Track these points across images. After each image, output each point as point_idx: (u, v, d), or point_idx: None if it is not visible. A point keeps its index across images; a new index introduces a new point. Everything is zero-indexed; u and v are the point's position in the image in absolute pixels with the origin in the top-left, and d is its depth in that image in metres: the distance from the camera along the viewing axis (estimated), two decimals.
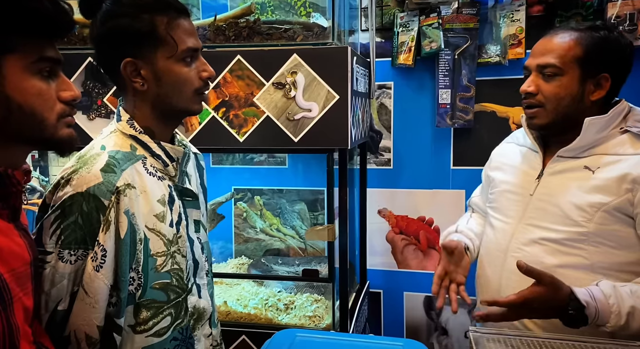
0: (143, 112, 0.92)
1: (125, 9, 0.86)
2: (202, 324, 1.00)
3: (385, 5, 1.99)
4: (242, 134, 1.48)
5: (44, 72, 0.70)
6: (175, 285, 0.92)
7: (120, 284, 0.84)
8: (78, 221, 0.81)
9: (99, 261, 0.82)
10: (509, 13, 1.82)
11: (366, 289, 1.99)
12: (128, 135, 0.92)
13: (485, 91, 1.91)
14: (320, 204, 2.06)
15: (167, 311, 0.91)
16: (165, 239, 0.91)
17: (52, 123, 0.71)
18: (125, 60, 0.87)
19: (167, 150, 0.94)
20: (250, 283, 1.85)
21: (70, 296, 0.82)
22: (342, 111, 1.41)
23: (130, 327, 0.88)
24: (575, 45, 1.06)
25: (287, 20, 1.59)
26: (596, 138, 1.08)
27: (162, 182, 0.93)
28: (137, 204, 0.86)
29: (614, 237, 1.04)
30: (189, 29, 0.90)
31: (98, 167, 0.84)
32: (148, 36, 0.86)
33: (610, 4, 1.69)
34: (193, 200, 1.00)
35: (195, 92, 0.92)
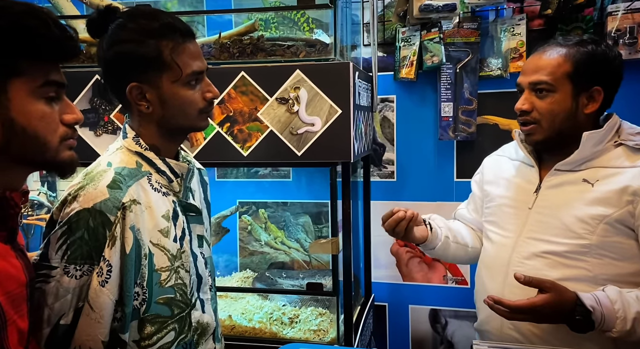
0: (149, 131, 0.94)
1: (131, 34, 0.87)
2: (206, 339, 1.01)
3: (387, 21, 2.02)
4: (246, 148, 1.49)
5: (48, 96, 0.71)
6: (179, 300, 0.93)
7: (125, 299, 0.85)
8: (84, 237, 0.82)
9: (105, 276, 0.83)
10: (509, 27, 1.84)
11: (371, 302, 1.99)
12: (134, 152, 0.93)
13: (487, 103, 1.92)
14: (325, 217, 2.06)
15: (171, 326, 0.92)
16: (169, 254, 0.92)
17: (54, 146, 0.73)
18: (131, 84, 0.88)
19: (171, 166, 0.95)
20: (255, 297, 1.85)
21: (74, 311, 0.83)
22: (345, 125, 1.42)
23: (135, 342, 0.89)
24: (565, 62, 1.08)
25: (290, 36, 1.62)
26: (593, 151, 1.09)
27: (167, 197, 0.94)
28: (142, 219, 0.88)
29: (616, 249, 1.05)
30: (195, 52, 0.91)
31: (104, 183, 0.85)
32: (153, 61, 0.87)
33: (610, 18, 1.70)
34: (196, 215, 1.01)
35: (199, 112, 0.94)
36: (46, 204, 1.82)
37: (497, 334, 1.19)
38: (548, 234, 1.11)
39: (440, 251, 1.35)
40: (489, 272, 1.24)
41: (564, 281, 1.07)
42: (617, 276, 1.05)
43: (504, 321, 1.16)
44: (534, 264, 1.12)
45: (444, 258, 1.44)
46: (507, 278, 1.16)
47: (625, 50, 1.68)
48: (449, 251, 1.35)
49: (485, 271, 1.26)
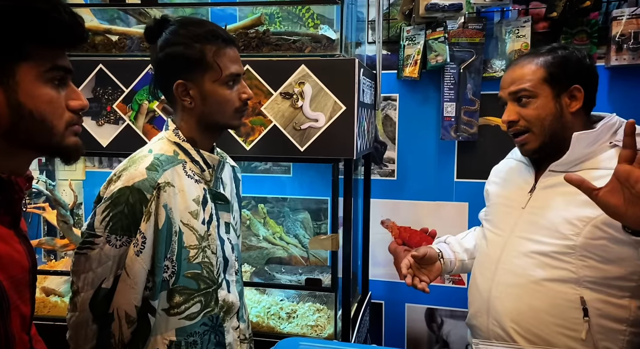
0: (189, 125, 1.06)
1: (180, 39, 1.00)
2: (231, 317, 1.11)
3: (392, 19, 2.02)
4: (249, 142, 1.49)
5: (55, 81, 0.72)
6: (206, 276, 1.04)
7: (156, 270, 0.96)
8: (124, 211, 0.93)
9: (140, 246, 0.95)
10: (514, 29, 1.84)
11: (368, 299, 1.99)
12: (173, 142, 1.05)
13: (490, 104, 1.93)
14: (324, 214, 2.07)
15: (197, 298, 1.03)
16: (198, 234, 1.03)
17: (60, 131, 0.73)
18: (177, 82, 1.01)
19: (204, 157, 1.07)
20: (253, 291, 1.85)
21: (114, 277, 0.95)
22: (349, 122, 1.42)
23: (164, 310, 1.00)
24: (539, 68, 1.12)
25: (296, 31, 1.62)
26: (586, 152, 1.10)
27: (198, 184, 1.06)
28: (174, 200, 0.99)
29: (601, 251, 1.05)
30: (234, 57, 1.03)
31: (144, 166, 0.97)
32: (198, 62, 1.00)
33: (615, 22, 1.71)
34: (225, 204, 1.12)
35: (235, 111, 1.05)
36: (45, 193, 1.82)
37: (484, 330, 1.21)
38: (537, 234, 1.13)
39: (459, 271, 1.41)
40: (480, 268, 1.27)
41: (549, 281, 1.09)
42: (601, 279, 1.06)
43: (489, 318, 1.19)
44: (521, 263, 1.13)
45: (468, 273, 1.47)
46: (495, 275, 1.18)
47: (629, 55, 1.69)
48: (469, 268, 1.38)
49: (477, 267, 1.28)
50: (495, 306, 1.17)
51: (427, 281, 1.29)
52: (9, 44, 0.67)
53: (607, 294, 1.06)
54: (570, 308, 1.07)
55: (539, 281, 1.10)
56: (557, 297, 1.08)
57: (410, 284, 1.27)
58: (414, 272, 1.30)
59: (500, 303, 1.16)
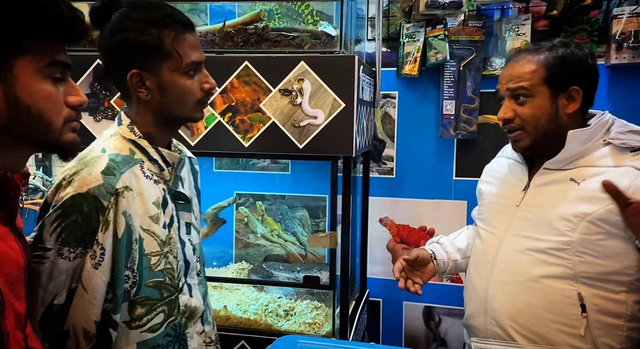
0: (145, 119, 0.97)
1: (134, 23, 0.90)
2: (194, 322, 1.05)
3: (392, 16, 2.01)
4: (247, 139, 1.48)
5: (53, 76, 0.71)
6: (168, 283, 0.97)
7: (117, 282, 0.88)
8: (78, 221, 0.84)
9: (98, 259, 0.86)
10: (514, 27, 1.84)
11: (366, 297, 1.99)
12: (128, 139, 0.96)
13: (489, 103, 1.92)
14: (322, 211, 2.06)
15: (160, 308, 0.95)
16: (159, 240, 0.95)
17: (58, 127, 0.72)
18: (132, 71, 0.91)
19: (164, 155, 0.98)
20: (251, 288, 1.85)
21: (67, 292, 0.86)
22: (348, 119, 1.42)
23: (125, 323, 0.92)
24: (538, 68, 1.11)
25: (296, 28, 1.61)
26: (580, 150, 1.10)
27: (158, 185, 0.97)
28: (133, 205, 0.91)
29: (597, 247, 1.06)
30: (194, 43, 0.94)
31: (99, 169, 0.87)
32: (155, 50, 0.90)
33: (616, 21, 1.70)
34: (185, 203, 1.04)
35: (196, 103, 0.96)
36: (42, 189, 1.80)
37: (481, 330, 1.21)
38: (532, 232, 1.13)
39: (453, 271, 1.40)
40: (476, 267, 1.26)
41: (545, 278, 1.09)
42: (597, 275, 1.06)
43: (487, 317, 1.18)
44: (518, 261, 1.13)
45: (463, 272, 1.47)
46: (491, 273, 1.18)
47: (629, 53, 1.69)
48: (463, 267, 1.37)
49: (474, 267, 1.28)
50: (493, 305, 1.16)
51: (420, 283, 1.28)
52: (7, 38, 0.66)
53: (604, 290, 1.06)
54: (568, 305, 1.07)
55: (536, 278, 1.10)
56: (555, 294, 1.08)
57: (403, 287, 1.26)
58: (407, 275, 1.29)
59: (497, 302, 1.16)
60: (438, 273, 1.36)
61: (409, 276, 1.29)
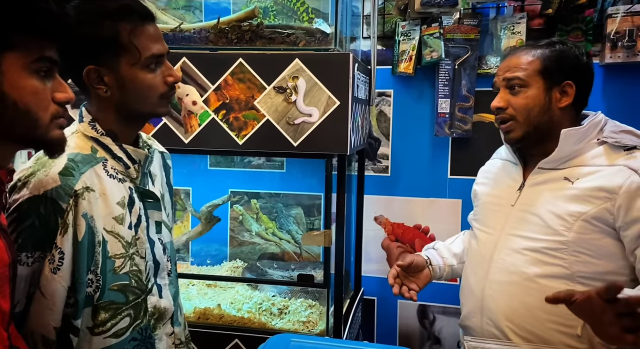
0: (106, 116, 0.92)
1: (88, 16, 0.85)
2: (164, 324, 1.01)
3: (387, 14, 2.01)
4: (241, 136, 1.48)
5: (41, 72, 0.70)
6: (135, 286, 0.93)
7: (78, 286, 0.85)
8: (35, 224, 0.81)
9: (57, 263, 0.82)
10: (509, 25, 1.83)
11: (360, 296, 1.99)
12: (89, 137, 0.91)
13: (484, 101, 1.91)
14: (317, 209, 2.05)
15: (125, 312, 0.92)
16: (124, 242, 0.91)
17: (45, 123, 0.71)
18: (88, 67, 0.86)
19: (129, 152, 0.94)
20: (245, 287, 1.84)
21: (26, 298, 0.82)
22: (343, 117, 1.41)
23: (88, 329, 0.88)
24: (535, 60, 1.13)
25: (290, 25, 1.60)
26: (574, 149, 1.11)
27: (123, 184, 0.93)
28: (95, 207, 0.87)
29: (593, 246, 1.06)
30: (154, 35, 0.89)
31: (56, 170, 0.83)
32: (110, 44, 0.86)
33: (610, 20, 1.71)
34: (154, 202, 1.00)
35: (160, 97, 0.92)
36: None
37: (478, 330, 1.21)
38: (528, 231, 1.13)
39: (449, 277, 1.40)
40: (472, 268, 1.26)
41: (542, 277, 1.09)
42: (594, 274, 1.06)
43: (483, 317, 1.18)
44: (514, 260, 1.14)
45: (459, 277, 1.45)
46: (488, 273, 1.18)
47: (624, 52, 1.69)
48: (459, 273, 1.37)
49: (470, 267, 1.28)
50: (489, 305, 1.16)
51: (416, 289, 1.28)
52: None
53: None
54: None
55: (532, 278, 1.10)
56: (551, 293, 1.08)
57: (398, 293, 1.25)
58: (402, 281, 1.28)
59: (494, 302, 1.16)
60: (434, 279, 1.35)
61: (404, 282, 1.28)
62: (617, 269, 1.06)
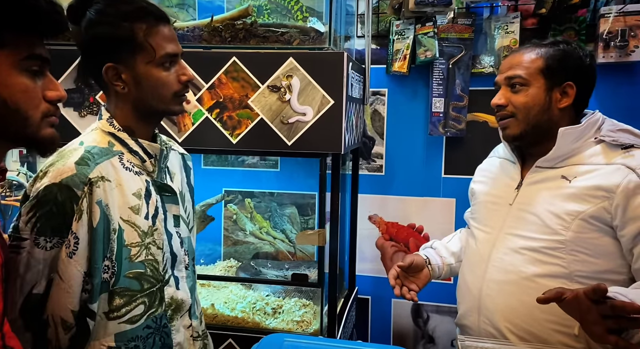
0: (124, 112, 0.98)
1: (107, 18, 0.92)
2: (182, 315, 1.05)
3: (381, 13, 2.01)
4: (235, 135, 1.47)
5: (31, 70, 0.70)
6: (150, 275, 0.97)
7: (93, 271, 0.89)
8: (53, 210, 0.86)
9: (72, 248, 0.87)
10: (503, 25, 1.84)
11: (354, 295, 1.99)
12: (107, 132, 0.98)
13: (478, 100, 1.92)
14: (311, 209, 2.05)
15: (140, 299, 0.96)
16: (140, 231, 0.96)
17: (35, 121, 0.72)
18: (107, 65, 0.93)
19: (144, 147, 1.00)
20: (239, 286, 1.84)
21: (46, 281, 0.87)
22: (337, 116, 1.41)
23: (104, 313, 0.93)
24: (538, 58, 1.13)
25: (284, 23, 1.60)
26: (572, 148, 1.11)
27: (140, 177, 0.99)
28: (111, 196, 0.92)
29: (591, 245, 1.06)
30: (168, 35, 0.96)
31: (73, 160, 0.89)
32: (127, 43, 0.92)
33: (603, 20, 1.71)
34: (172, 196, 1.04)
35: (174, 95, 0.98)
36: (25, 185, 1.77)
37: (475, 329, 1.21)
38: (526, 230, 1.13)
39: (448, 275, 1.39)
40: (470, 267, 1.26)
41: (540, 277, 1.09)
42: (592, 273, 1.06)
43: (480, 316, 1.18)
44: (512, 260, 1.13)
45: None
46: (485, 272, 1.18)
47: (616, 52, 1.70)
48: (457, 271, 1.37)
49: (467, 266, 1.28)
50: (487, 304, 1.16)
51: (415, 289, 1.28)
52: None
53: None
54: None
55: (530, 277, 1.10)
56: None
57: (399, 294, 1.25)
58: (402, 281, 1.28)
59: (491, 301, 1.15)
60: (433, 278, 1.35)
61: (404, 282, 1.28)
62: (615, 268, 1.06)
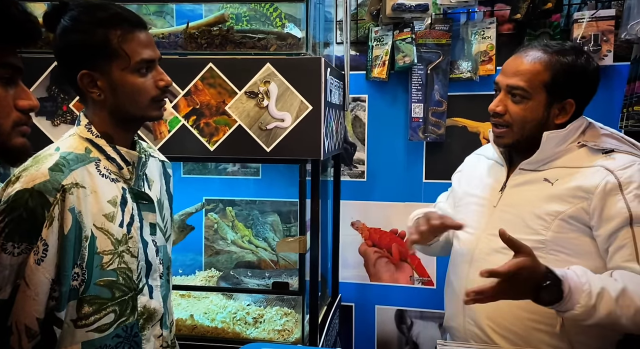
0: (101, 119, 0.97)
1: (81, 25, 0.92)
2: (153, 325, 1.03)
3: (360, 19, 2.01)
4: (212, 143, 1.45)
5: (2, 79, 0.69)
6: (122, 283, 0.96)
7: (62, 279, 0.88)
8: (22, 216, 0.84)
9: (41, 254, 0.86)
10: (480, 30, 1.86)
11: (338, 302, 1.97)
12: (85, 138, 0.97)
13: (457, 105, 1.94)
14: (294, 216, 2.03)
15: (110, 308, 0.94)
16: (113, 239, 0.95)
17: (6, 130, 0.71)
18: (82, 72, 0.93)
19: (122, 154, 0.98)
20: (219, 296, 1.80)
21: (12, 287, 0.86)
22: (315, 122, 1.40)
23: (72, 321, 0.91)
24: (544, 71, 1.10)
25: (261, 29, 1.59)
26: (555, 152, 1.12)
27: (116, 184, 0.98)
28: (85, 203, 0.91)
29: (571, 245, 1.08)
30: (144, 41, 0.95)
31: (47, 166, 0.88)
32: (102, 49, 0.92)
33: (576, 25, 1.74)
34: (149, 203, 1.03)
35: (152, 100, 0.97)
36: None
37: (461, 331, 1.21)
38: (508, 231, 1.13)
39: (431, 248, 1.36)
40: (454, 268, 1.27)
41: None
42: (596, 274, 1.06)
43: (465, 317, 1.19)
44: (494, 259, 1.13)
45: (428, 253, 1.47)
46: (469, 274, 1.19)
47: None
48: (437, 246, 1.36)
49: (452, 268, 1.28)
50: (471, 306, 1.16)
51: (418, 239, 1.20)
52: None
53: None
54: None
55: None
56: None
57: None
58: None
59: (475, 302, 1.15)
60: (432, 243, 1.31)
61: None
62: (594, 267, 1.06)
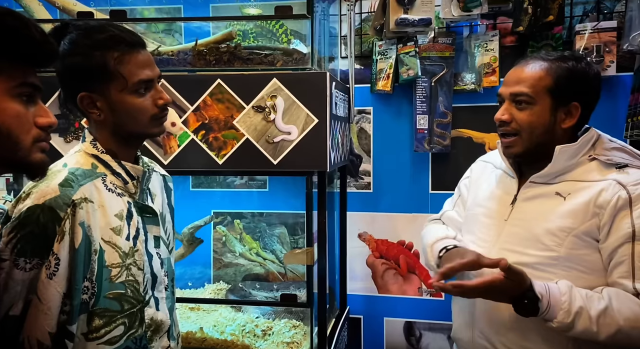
0: (104, 137, 1.00)
1: (78, 48, 0.93)
2: (160, 336, 1.05)
3: (364, 34, 2.05)
4: (221, 156, 1.48)
5: (23, 97, 0.73)
6: (130, 296, 0.97)
7: (73, 293, 0.89)
8: (34, 231, 0.86)
9: (52, 269, 0.87)
10: (483, 43, 1.89)
11: (346, 314, 1.97)
12: (91, 154, 0.99)
13: (462, 117, 1.96)
14: (301, 228, 2.05)
15: (120, 320, 0.96)
16: (121, 252, 0.96)
17: (26, 146, 0.73)
18: (81, 94, 0.94)
19: (127, 169, 1.01)
20: (228, 309, 1.81)
21: (23, 303, 0.86)
22: (321, 134, 1.42)
23: (83, 335, 0.92)
24: (546, 76, 1.10)
25: (268, 46, 1.63)
26: (566, 165, 1.11)
27: (122, 198, 0.99)
28: (93, 217, 0.92)
29: (584, 261, 1.06)
30: (142, 61, 0.96)
31: (57, 182, 0.90)
32: (99, 72, 0.93)
33: (579, 36, 1.77)
34: (153, 217, 1.05)
35: (151, 118, 0.99)
36: None
37: (469, 343, 1.20)
38: (520, 246, 1.12)
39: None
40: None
41: None
42: (584, 288, 1.05)
43: (474, 330, 1.18)
44: None
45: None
46: None
47: None
48: None
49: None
50: (481, 319, 1.16)
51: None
52: None
53: None
54: None
55: None
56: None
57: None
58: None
59: (485, 315, 1.15)
60: None
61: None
62: (606, 284, 1.06)
